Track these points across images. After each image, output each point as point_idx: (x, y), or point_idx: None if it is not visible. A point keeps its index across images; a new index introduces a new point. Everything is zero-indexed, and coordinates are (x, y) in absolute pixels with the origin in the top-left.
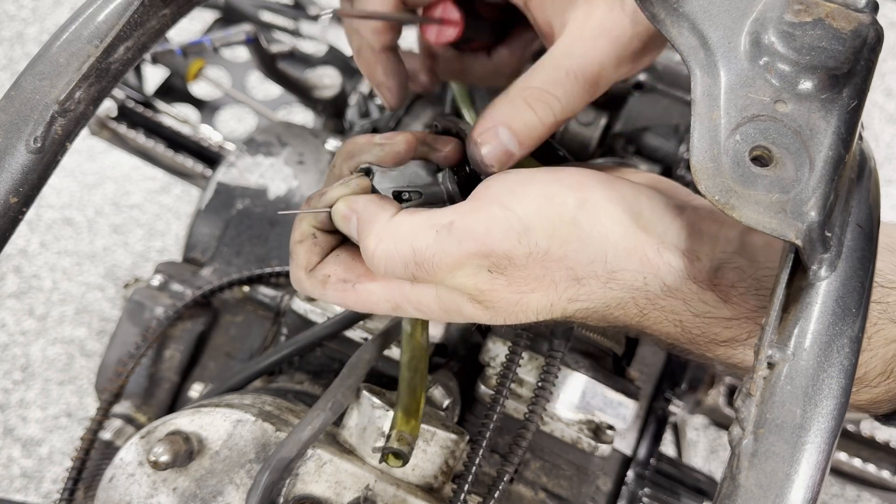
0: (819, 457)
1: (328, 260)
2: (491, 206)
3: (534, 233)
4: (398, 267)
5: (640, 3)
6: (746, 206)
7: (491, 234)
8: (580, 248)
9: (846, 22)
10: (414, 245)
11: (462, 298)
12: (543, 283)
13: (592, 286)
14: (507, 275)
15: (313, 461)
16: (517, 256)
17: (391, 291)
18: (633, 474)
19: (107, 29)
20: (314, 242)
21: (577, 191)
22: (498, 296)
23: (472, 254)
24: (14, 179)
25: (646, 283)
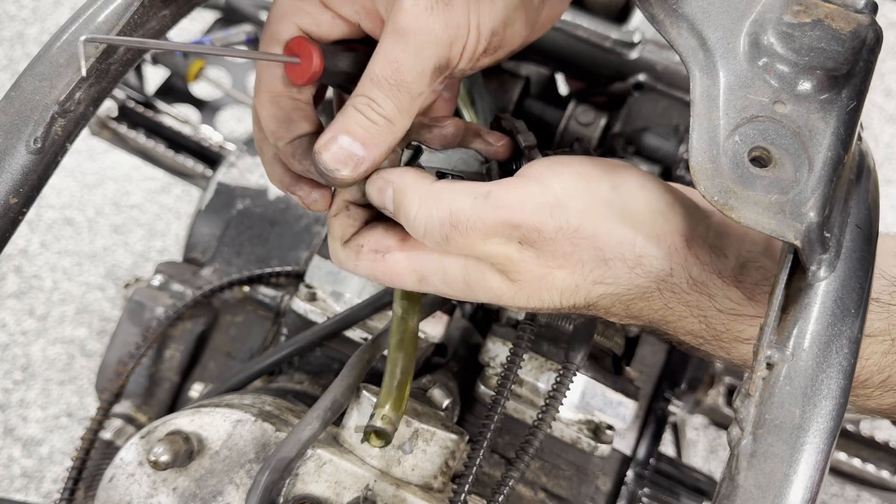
0: (818, 457)
1: (362, 231)
2: (529, 181)
3: (566, 209)
4: (435, 228)
5: (639, 3)
6: (745, 207)
7: (525, 206)
8: (611, 229)
9: (845, 23)
10: (452, 207)
11: (489, 270)
12: (571, 261)
13: (619, 269)
14: (536, 248)
15: (313, 461)
16: (547, 230)
17: (420, 262)
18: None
19: (107, 29)
20: (348, 215)
21: (612, 175)
22: (525, 267)
23: (505, 222)
24: (14, 180)
25: (672, 274)
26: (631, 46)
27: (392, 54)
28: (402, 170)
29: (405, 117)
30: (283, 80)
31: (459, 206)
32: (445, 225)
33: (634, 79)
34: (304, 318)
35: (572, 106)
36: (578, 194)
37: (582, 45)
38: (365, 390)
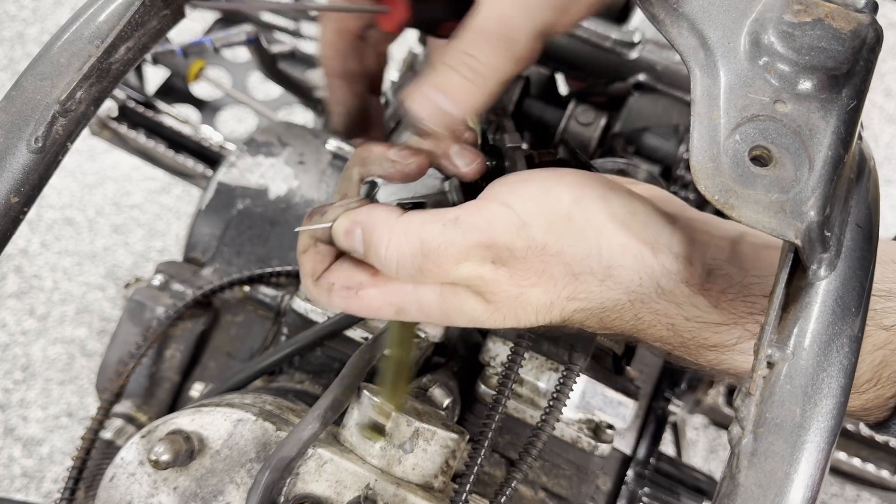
0: (818, 456)
1: (332, 268)
2: (492, 203)
3: (531, 227)
4: (407, 261)
5: (639, 3)
6: (746, 206)
7: (492, 227)
8: (575, 243)
9: (845, 22)
10: (422, 236)
11: (465, 294)
12: (543, 279)
13: (589, 283)
14: (509, 267)
15: (314, 460)
16: (517, 249)
17: (394, 295)
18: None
19: (108, 29)
20: (316, 251)
21: (573, 188)
22: (499, 287)
23: (476, 244)
24: (15, 179)
25: (641, 284)
26: (631, 46)
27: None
28: (369, 207)
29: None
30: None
31: (429, 234)
32: (417, 256)
33: (634, 79)
34: (304, 317)
35: (572, 106)
36: (540, 212)
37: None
38: (366, 390)
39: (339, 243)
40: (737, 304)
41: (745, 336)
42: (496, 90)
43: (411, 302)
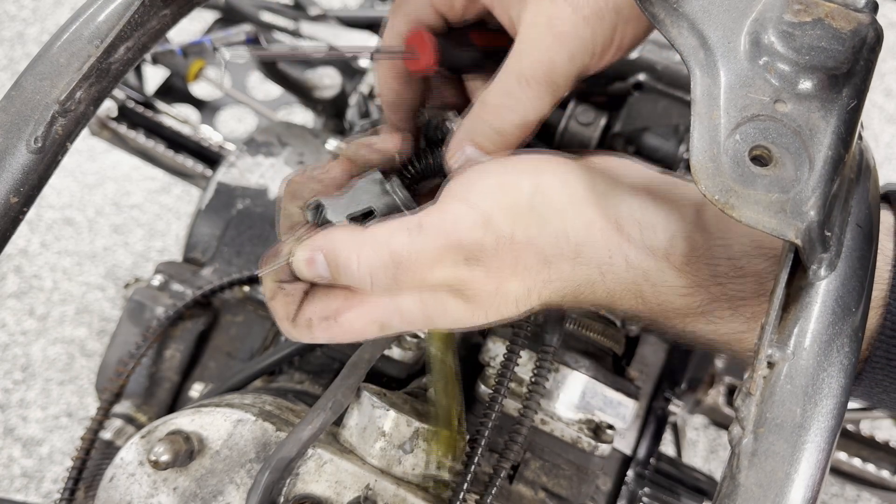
0: (819, 456)
1: (304, 305)
2: (453, 203)
3: (496, 221)
4: (380, 274)
5: (639, 3)
6: (746, 206)
7: (458, 228)
8: (541, 230)
9: (846, 22)
10: (391, 247)
11: (444, 296)
12: (518, 269)
13: (562, 265)
14: (482, 264)
15: (314, 461)
16: (487, 245)
17: (374, 312)
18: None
19: (107, 29)
20: (284, 294)
21: (530, 176)
22: (477, 284)
23: (446, 247)
24: (15, 179)
25: (611, 257)
26: None
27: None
28: (324, 231)
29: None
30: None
31: (398, 244)
32: (390, 267)
33: (634, 78)
34: None
35: (572, 106)
36: (502, 205)
37: None
38: (365, 390)
39: (303, 276)
40: (700, 267)
41: (707, 299)
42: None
43: (392, 314)
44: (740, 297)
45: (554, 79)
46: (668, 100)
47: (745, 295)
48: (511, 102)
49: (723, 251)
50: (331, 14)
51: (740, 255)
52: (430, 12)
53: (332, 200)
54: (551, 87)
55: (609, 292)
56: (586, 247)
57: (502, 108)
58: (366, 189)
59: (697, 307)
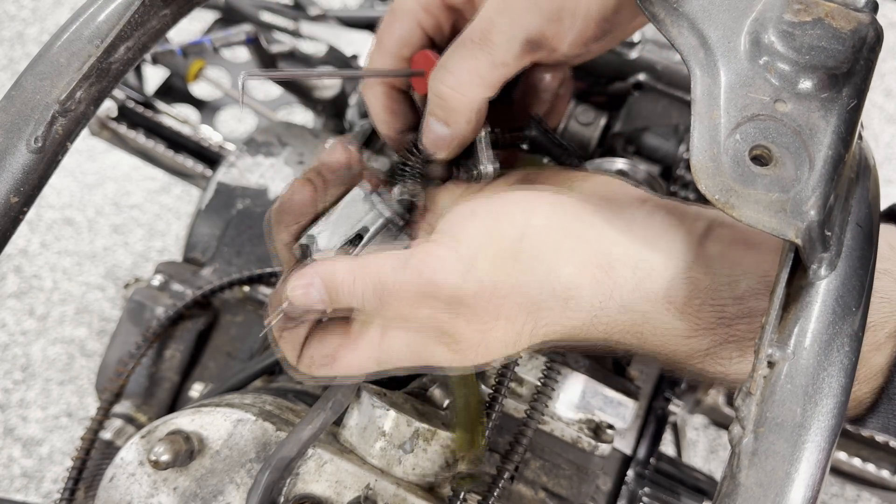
0: (819, 455)
1: (305, 347)
2: (440, 243)
3: (477, 269)
4: (369, 297)
5: (640, 2)
6: (746, 206)
7: (438, 273)
8: (526, 279)
9: (846, 21)
10: (378, 275)
11: (431, 341)
12: (501, 318)
13: (550, 314)
14: (463, 311)
15: (314, 460)
16: (466, 295)
17: (368, 351)
18: (633, 474)
19: (107, 29)
20: (286, 340)
21: (516, 221)
22: (461, 334)
23: (426, 291)
24: (15, 179)
25: (602, 304)
26: (631, 46)
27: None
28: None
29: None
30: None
31: (383, 274)
32: (377, 291)
33: (634, 78)
34: None
35: (572, 105)
36: (486, 251)
37: None
38: (365, 390)
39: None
40: (704, 311)
41: (713, 342)
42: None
43: (385, 353)
44: (749, 337)
45: (489, 38)
46: (668, 100)
47: (754, 335)
48: (449, 64)
49: (728, 290)
50: (331, 14)
51: (748, 294)
52: (419, 34)
53: (321, 228)
54: (486, 46)
55: (606, 334)
56: (576, 294)
57: (441, 70)
58: (352, 207)
59: (703, 350)
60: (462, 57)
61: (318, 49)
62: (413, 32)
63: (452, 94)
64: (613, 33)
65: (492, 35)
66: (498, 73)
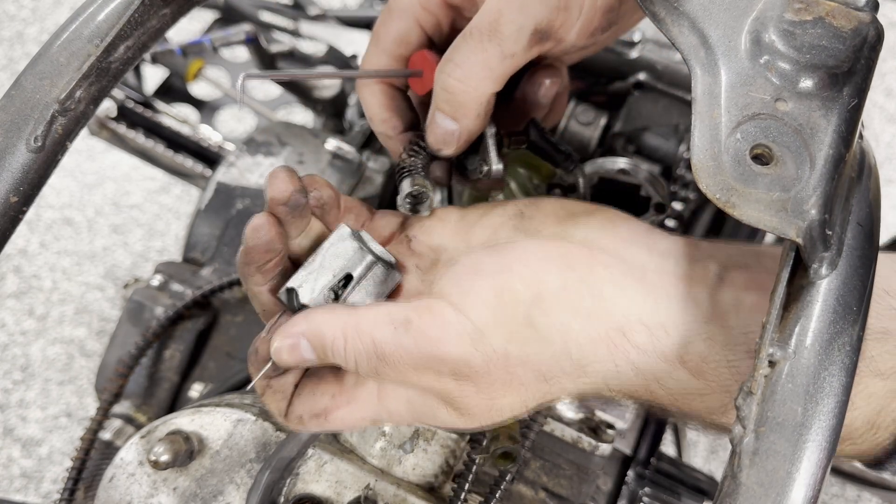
0: (820, 455)
1: (294, 401)
2: (444, 307)
3: (489, 338)
4: (364, 361)
5: (640, 1)
6: (747, 205)
7: (445, 341)
8: (541, 349)
9: (846, 20)
10: (375, 339)
11: (435, 403)
12: (512, 387)
13: (563, 382)
14: (472, 381)
15: (314, 460)
16: (476, 363)
17: (363, 411)
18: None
19: (107, 28)
20: (273, 391)
21: (530, 283)
22: (469, 402)
23: (430, 358)
24: (14, 178)
25: (617, 369)
26: (631, 45)
27: (494, 5)
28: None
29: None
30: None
31: (381, 337)
32: (373, 358)
33: (634, 78)
34: None
35: (572, 105)
36: (497, 319)
37: None
38: None
39: (286, 364)
40: (720, 370)
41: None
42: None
43: (381, 412)
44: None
45: (498, 28)
46: (669, 99)
47: None
48: (456, 57)
49: (744, 345)
50: (330, 14)
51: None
52: (417, 32)
53: (302, 278)
54: (496, 37)
55: (618, 394)
56: (592, 361)
57: (449, 64)
58: (336, 251)
59: (720, 406)
60: (470, 49)
61: (318, 49)
62: (411, 30)
63: (461, 88)
64: (618, 25)
65: (501, 26)
66: (507, 65)
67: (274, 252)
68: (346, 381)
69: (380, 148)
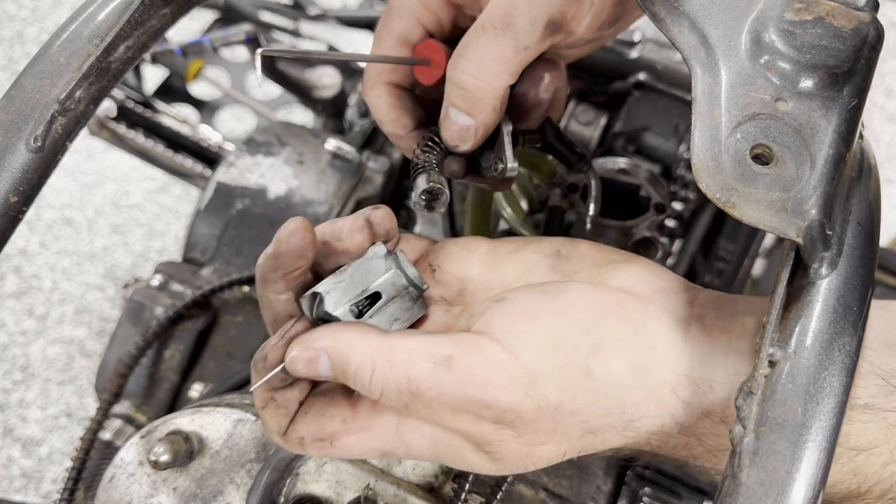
0: (820, 455)
1: (298, 420)
2: (493, 347)
3: (542, 385)
4: (393, 395)
5: (640, 1)
6: (747, 205)
7: (494, 384)
8: (595, 401)
9: (846, 20)
10: (410, 374)
11: (464, 445)
12: (555, 436)
13: (608, 435)
14: (515, 427)
15: (314, 460)
16: (525, 410)
17: (376, 441)
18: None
19: (107, 28)
20: (276, 405)
21: (588, 332)
22: (505, 448)
23: (474, 401)
24: (14, 178)
25: (662, 427)
26: (631, 45)
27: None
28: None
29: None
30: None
31: (418, 373)
32: (405, 393)
33: (635, 78)
34: None
35: (572, 105)
36: (553, 368)
37: None
38: None
39: (297, 373)
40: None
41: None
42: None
43: (397, 446)
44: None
45: (512, 21)
46: (669, 99)
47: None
48: (469, 53)
49: None
50: (330, 14)
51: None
52: (419, 30)
53: (329, 285)
54: (509, 30)
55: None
56: (639, 419)
57: (462, 60)
58: (368, 266)
59: None
60: (484, 44)
61: (318, 49)
62: (413, 29)
63: (476, 83)
64: (623, 19)
65: (514, 18)
66: (521, 58)
67: (305, 259)
68: (360, 407)
69: (380, 148)
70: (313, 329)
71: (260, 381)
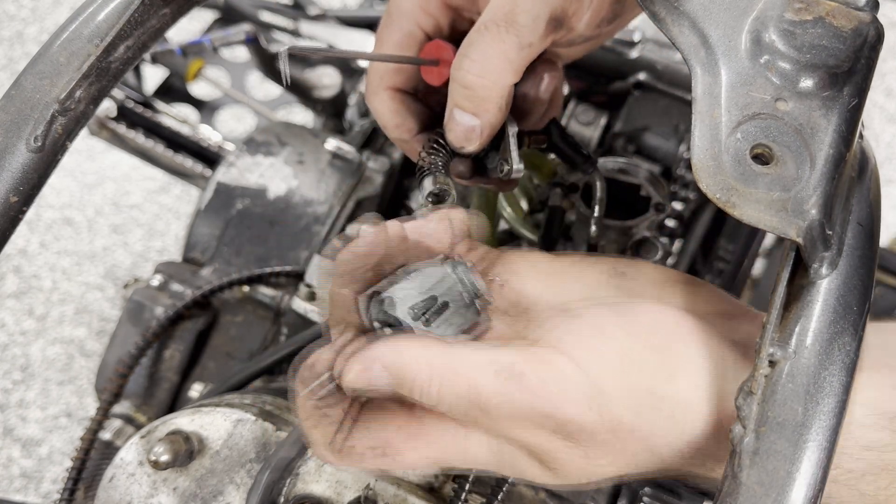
0: (821, 454)
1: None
2: (560, 359)
3: (612, 402)
4: (458, 407)
5: (640, 1)
6: (747, 205)
7: (562, 397)
8: (666, 427)
9: (847, 20)
10: (474, 385)
11: (523, 457)
12: (618, 454)
13: (672, 459)
14: (580, 443)
15: (314, 460)
16: (589, 423)
17: (434, 451)
18: None
19: (107, 28)
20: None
21: (662, 352)
22: (568, 462)
23: (540, 412)
24: (14, 178)
25: (719, 454)
26: (631, 45)
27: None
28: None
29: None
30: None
31: (483, 384)
32: (473, 407)
33: (635, 78)
34: (303, 317)
35: (572, 105)
36: (622, 384)
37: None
38: None
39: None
40: None
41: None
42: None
43: (456, 455)
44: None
45: (515, 19)
46: (669, 99)
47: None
48: (472, 52)
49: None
50: (330, 14)
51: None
52: (419, 35)
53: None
54: (513, 27)
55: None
56: (703, 447)
57: (465, 60)
58: (434, 272)
59: None
60: (487, 42)
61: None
62: (412, 34)
63: (481, 83)
64: (622, 17)
65: (517, 16)
66: (525, 55)
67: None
68: (416, 415)
69: (380, 148)
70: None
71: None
